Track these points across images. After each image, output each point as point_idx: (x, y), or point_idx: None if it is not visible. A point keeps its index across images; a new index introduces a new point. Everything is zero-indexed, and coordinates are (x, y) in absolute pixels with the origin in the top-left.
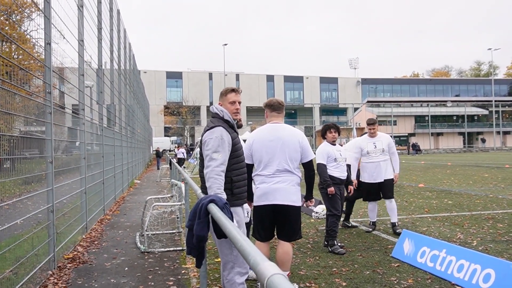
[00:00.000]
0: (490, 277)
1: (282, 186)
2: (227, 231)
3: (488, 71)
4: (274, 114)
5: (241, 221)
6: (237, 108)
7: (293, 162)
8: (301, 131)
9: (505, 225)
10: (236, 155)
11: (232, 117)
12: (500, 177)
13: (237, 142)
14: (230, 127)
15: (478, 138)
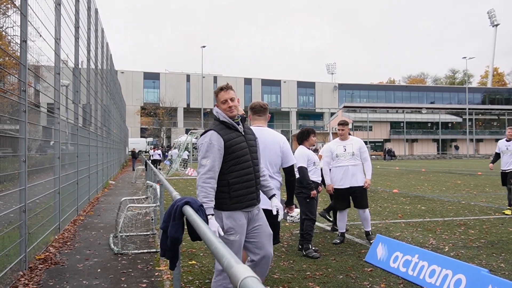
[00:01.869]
0: (461, 283)
1: None
2: (201, 233)
3: (463, 79)
4: (256, 117)
5: (237, 226)
6: (230, 106)
7: (273, 167)
8: (283, 136)
9: (477, 231)
10: (233, 156)
11: (228, 115)
12: (473, 184)
13: (236, 143)
14: (229, 127)
15: (452, 145)
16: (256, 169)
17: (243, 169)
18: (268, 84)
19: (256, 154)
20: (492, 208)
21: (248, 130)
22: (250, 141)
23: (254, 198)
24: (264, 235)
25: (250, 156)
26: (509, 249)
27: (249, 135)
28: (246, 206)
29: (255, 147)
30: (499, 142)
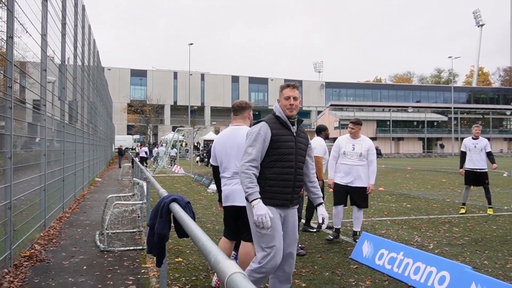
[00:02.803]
0: (445, 279)
1: (240, 188)
2: (188, 230)
3: (448, 78)
4: (234, 116)
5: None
6: (291, 104)
7: None
8: None
9: (461, 229)
10: (276, 152)
11: (286, 113)
12: (457, 182)
13: (283, 140)
14: (281, 124)
15: (437, 143)
16: (299, 172)
17: (284, 168)
18: (255, 82)
19: (303, 157)
20: (476, 206)
21: (302, 134)
22: (300, 143)
23: (288, 200)
24: (291, 237)
25: (295, 158)
26: (492, 247)
27: (301, 138)
28: (278, 204)
29: (304, 151)
30: (465, 141)
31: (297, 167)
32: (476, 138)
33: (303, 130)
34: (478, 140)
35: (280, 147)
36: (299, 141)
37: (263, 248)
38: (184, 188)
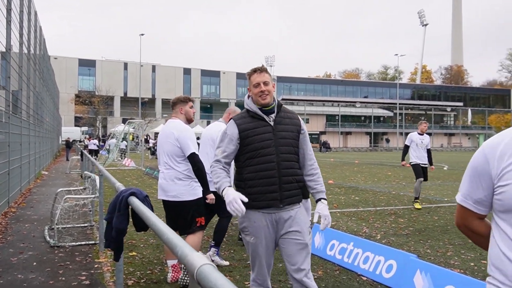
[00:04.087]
0: (392, 268)
1: (163, 182)
2: (151, 223)
3: (394, 75)
4: (172, 111)
5: (251, 227)
6: (262, 91)
7: (173, 157)
8: (186, 126)
9: (406, 220)
10: (249, 149)
11: (259, 102)
12: (402, 175)
13: (254, 134)
14: (251, 116)
15: (383, 138)
16: (286, 165)
17: (260, 164)
18: (207, 75)
19: (290, 147)
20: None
21: (287, 120)
22: (283, 132)
23: (276, 199)
24: (293, 245)
25: (276, 150)
26: (434, 236)
27: (283, 125)
28: (264, 206)
29: (290, 140)
30: (412, 135)
31: (281, 159)
32: (422, 133)
33: (291, 115)
34: (424, 136)
35: (252, 142)
36: (280, 129)
37: (251, 263)
38: (135, 182)
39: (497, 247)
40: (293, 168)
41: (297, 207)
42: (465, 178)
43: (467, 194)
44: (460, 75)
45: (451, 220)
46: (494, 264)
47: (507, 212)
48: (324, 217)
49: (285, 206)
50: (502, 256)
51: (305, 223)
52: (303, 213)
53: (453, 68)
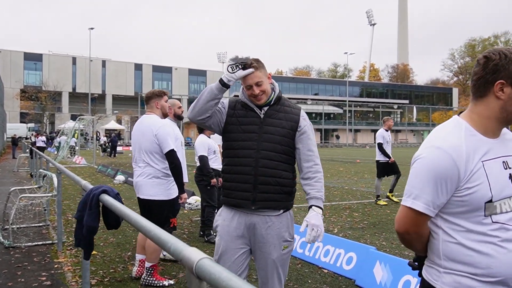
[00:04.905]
0: (352, 260)
1: (140, 179)
2: (133, 221)
3: (344, 73)
4: (146, 106)
5: (221, 226)
6: (255, 95)
7: (151, 154)
8: (163, 122)
9: (360, 214)
10: (231, 137)
11: (254, 103)
12: (353, 171)
13: (239, 122)
14: (243, 106)
15: (333, 134)
16: (267, 164)
17: (238, 157)
18: (159, 70)
19: (278, 145)
20: (371, 192)
21: (281, 114)
22: (272, 127)
23: (247, 199)
24: (263, 263)
25: (258, 145)
26: (388, 229)
27: (274, 120)
28: (234, 204)
29: (279, 137)
30: (382, 133)
31: (261, 156)
32: (388, 130)
33: (289, 109)
34: (388, 132)
35: (234, 131)
36: (269, 123)
37: None
38: (88, 180)
39: (458, 244)
40: (276, 169)
41: (276, 214)
42: (426, 184)
43: (430, 201)
44: (406, 73)
45: None
46: (456, 259)
47: (470, 212)
48: (313, 227)
49: (259, 210)
50: (466, 250)
51: (280, 237)
52: (283, 223)
53: (399, 66)
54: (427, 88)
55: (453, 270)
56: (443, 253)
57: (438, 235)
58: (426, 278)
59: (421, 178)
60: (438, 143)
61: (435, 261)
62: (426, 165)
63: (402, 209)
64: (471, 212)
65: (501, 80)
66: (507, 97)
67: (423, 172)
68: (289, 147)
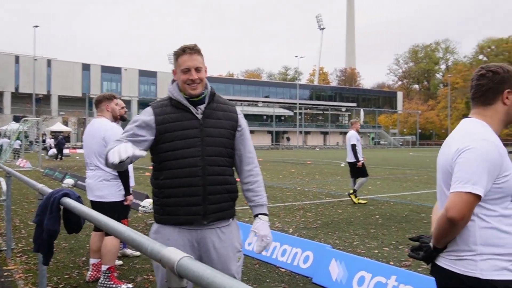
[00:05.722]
0: (309, 258)
1: (91, 182)
2: (103, 224)
3: (294, 76)
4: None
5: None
6: (192, 80)
7: (101, 157)
8: (112, 125)
9: (313, 214)
10: (167, 147)
11: (187, 92)
12: (304, 172)
13: (175, 128)
14: (174, 106)
15: (284, 136)
16: (214, 171)
17: (181, 168)
18: (108, 71)
19: (221, 148)
20: (323, 193)
21: (219, 112)
22: (213, 128)
23: (198, 213)
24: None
25: (202, 151)
26: (341, 228)
27: (213, 120)
28: (183, 222)
29: (223, 139)
30: (355, 134)
31: (208, 163)
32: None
33: (225, 106)
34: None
35: (171, 139)
36: (209, 125)
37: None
38: None
39: (493, 228)
40: (224, 174)
41: (226, 224)
42: (482, 171)
43: (485, 186)
44: (353, 77)
45: (354, 213)
46: (492, 243)
47: (502, 198)
48: (262, 237)
49: (210, 223)
50: (500, 233)
51: (232, 248)
52: (233, 233)
53: (347, 70)
54: (373, 92)
55: (490, 255)
56: (480, 239)
57: (475, 222)
58: (459, 271)
59: (477, 166)
60: (484, 136)
61: (471, 249)
62: (480, 155)
63: (460, 195)
64: (503, 198)
65: (508, 89)
66: (511, 103)
67: (478, 161)
68: (231, 149)
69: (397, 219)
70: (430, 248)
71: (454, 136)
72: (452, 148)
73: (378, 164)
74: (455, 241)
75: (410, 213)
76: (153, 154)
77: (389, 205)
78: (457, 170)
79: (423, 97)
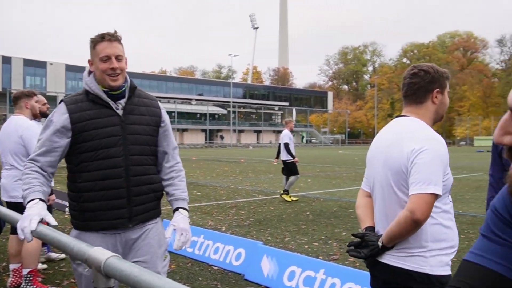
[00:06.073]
0: (241, 255)
1: (6, 182)
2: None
3: (228, 74)
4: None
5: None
6: (113, 68)
7: (17, 156)
8: (30, 123)
9: (246, 211)
10: (85, 148)
11: (107, 83)
12: (238, 170)
13: (94, 126)
14: (92, 101)
15: (218, 135)
16: (138, 171)
17: (102, 170)
18: (31, 65)
19: (145, 146)
20: (256, 191)
21: (141, 108)
22: (134, 125)
23: (123, 217)
24: None
25: (124, 150)
26: (273, 225)
27: (135, 116)
28: (106, 227)
29: (145, 136)
30: (288, 134)
31: (132, 163)
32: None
33: (148, 101)
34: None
35: (90, 138)
36: (131, 121)
37: None
38: None
39: (439, 224)
40: (148, 173)
41: (152, 223)
42: (439, 171)
43: (441, 185)
44: (286, 77)
45: (285, 210)
46: (439, 238)
47: (444, 194)
48: (181, 231)
49: (134, 226)
50: (444, 228)
51: (159, 246)
52: (159, 231)
53: (280, 70)
54: (305, 92)
55: (438, 250)
56: (430, 236)
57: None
58: (409, 267)
59: (434, 166)
60: (435, 136)
61: (422, 246)
62: (436, 155)
63: (423, 197)
64: (445, 194)
65: (437, 89)
66: (439, 102)
67: (435, 161)
68: (155, 146)
69: (326, 215)
70: (377, 247)
71: (402, 137)
72: (405, 148)
73: (310, 162)
74: (407, 239)
75: (338, 209)
76: (69, 154)
77: (319, 202)
78: (415, 171)
79: (352, 98)
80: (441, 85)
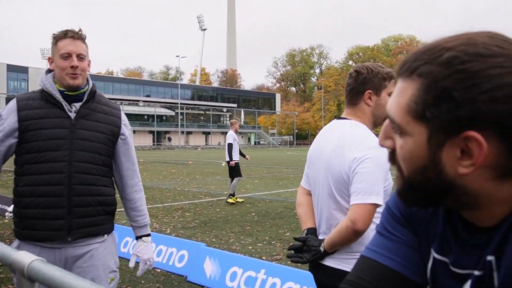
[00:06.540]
0: (184, 257)
1: None
2: None
3: (175, 76)
4: None
5: None
6: (73, 67)
7: None
8: None
9: (192, 213)
10: (29, 148)
11: (66, 82)
12: (185, 172)
13: (41, 126)
14: (45, 100)
15: (166, 136)
16: (80, 179)
17: (42, 174)
18: None
19: (97, 156)
20: (202, 192)
21: (99, 114)
22: (87, 131)
23: (61, 229)
24: None
25: (70, 156)
26: (218, 226)
27: (90, 122)
28: (43, 238)
29: (96, 144)
30: (233, 135)
31: (77, 170)
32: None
33: (108, 109)
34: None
35: (34, 139)
36: (83, 126)
37: None
38: None
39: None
40: (96, 184)
41: (99, 240)
42: (381, 180)
43: (382, 194)
44: (234, 78)
45: (231, 211)
46: (360, 242)
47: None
48: (146, 261)
49: (77, 240)
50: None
51: (104, 269)
52: (106, 251)
53: (228, 72)
54: (253, 93)
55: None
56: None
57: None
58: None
59: (376, 175)
60: (376, 143)
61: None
62: (377, 164)
63: (364, 207)
64: (385, 198)
65: (369, 90)
66: (374, 104)
67: (377, 170)
68: (108, 156)
69: (271, 216)
70: (319, 252)
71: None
72: (346, 156)
73: (257, 163)
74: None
75: (284, 209)
76: (15, 155)
77: (265, 203)
78: (357, 180)
79: (300, 99)
80: (375, 86)
